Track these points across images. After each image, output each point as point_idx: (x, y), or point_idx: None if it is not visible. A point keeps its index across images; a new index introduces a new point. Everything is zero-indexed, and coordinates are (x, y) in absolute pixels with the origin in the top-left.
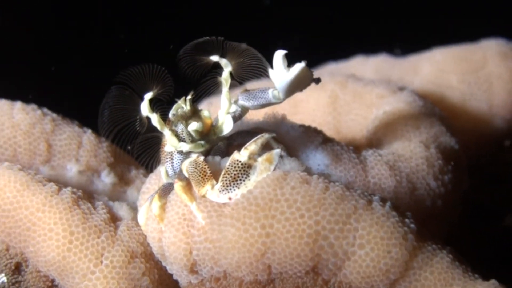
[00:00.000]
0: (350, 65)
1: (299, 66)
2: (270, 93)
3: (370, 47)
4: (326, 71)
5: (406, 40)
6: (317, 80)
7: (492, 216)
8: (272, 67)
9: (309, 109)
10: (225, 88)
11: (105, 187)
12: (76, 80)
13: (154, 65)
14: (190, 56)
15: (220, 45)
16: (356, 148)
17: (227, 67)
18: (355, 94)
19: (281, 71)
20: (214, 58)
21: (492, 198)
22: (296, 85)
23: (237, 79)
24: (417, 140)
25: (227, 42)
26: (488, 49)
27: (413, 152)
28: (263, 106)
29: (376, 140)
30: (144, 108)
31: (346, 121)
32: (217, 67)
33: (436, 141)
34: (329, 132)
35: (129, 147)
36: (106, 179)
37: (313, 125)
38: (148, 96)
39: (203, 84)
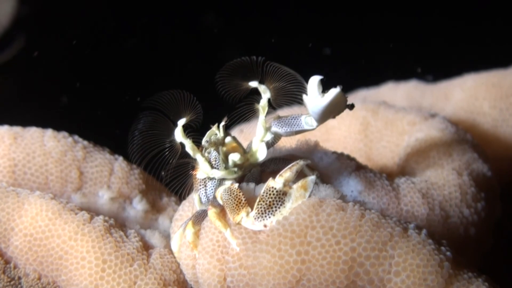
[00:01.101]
0: (381, 92)
1: (335, 91)
2: (303, 120)
3: (401, 74)
4: (358, 98)
5: (436, 66)
6: (351, 106)
7: None
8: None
9: (341, 136)
10: (262, 116)
11: (137, 214)
12: (102, 107)
13: (184, 92)
14: (227, 80)
15: (260, 67)
16: (388, 175)
17: (265, 94)
18: (386, 121)
19: (315, 96)
20: (253, 84)
21: None
22: (330, 111)
23: (275, 105)
24: (449, 167)
25: (268, 63)
26: None
27: (446, 180)
28: (296, 133)
29: (408, 167)
30: (178, 134)
31: (377, 148)
32: (255, 92)
33: (469, 168)
34: (360, 159)
35: (162, 173)
36: (138, 206)
37: (345, 152)
38: (182, 122)
39: (238, 110)
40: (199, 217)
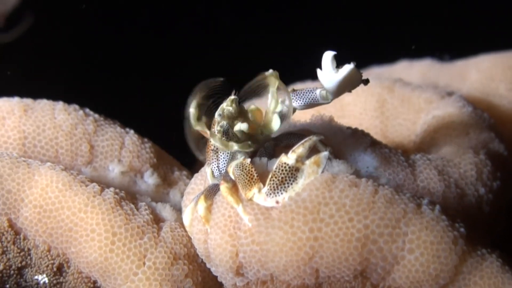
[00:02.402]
0: (395, 70)
1: (349, 67)
2: (318, 93)
3: (413, 52)
4: (371, 75)
5: (451, 45)
6: (366, 81)
7: None
8: (320, 68)
9: (356, 112)
10: (272, 88)
11: (148, 188)
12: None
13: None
14: None
15: None
16: (404, 152)
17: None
18: (403, 98)
19: (329, 72)
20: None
21: None
22: (345, 86)
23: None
24: (466, 146)
25: None
26: None
27: (462, 158)
28: (310, 106)
29: (424, 144)
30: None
31: (393, 126)
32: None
33: (486, 147)
34: (376, 136)
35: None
36: (149, 180)
37: (360, 128)
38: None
39: (250, 85)
40: (212, 192)
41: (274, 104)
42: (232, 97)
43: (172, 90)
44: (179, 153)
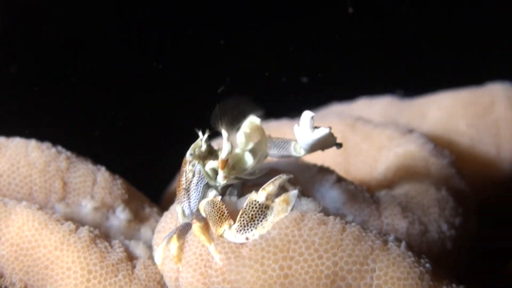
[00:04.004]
0: (355, 107)
1: (324, 130)
2: (293, 146)
3: (370, 88)
4: (333, 113)
5: (408, 80)
6: (339, 145)
7: (500, 258)
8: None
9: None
10: (243, 129)
11: (120, 224)
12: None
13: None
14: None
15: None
16: (368, 189)
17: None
18: (365, 135)
19: (306, 130)
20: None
21: (500, 240)
22: (318, 146)
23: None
24: (428, 182)
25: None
26: (495, 93)
27: (426, 195)
28: (282, 156)
29: (387, 181)
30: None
31: (356, 163)
32: None
33: (447, 184)
34: (339, 173)
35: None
36: (121, 215)
37: (324, 165)
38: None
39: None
40: (183, 231)
41: (244, 143)
42: (203, 136)
43: (140, 129)
44: (147, 191)
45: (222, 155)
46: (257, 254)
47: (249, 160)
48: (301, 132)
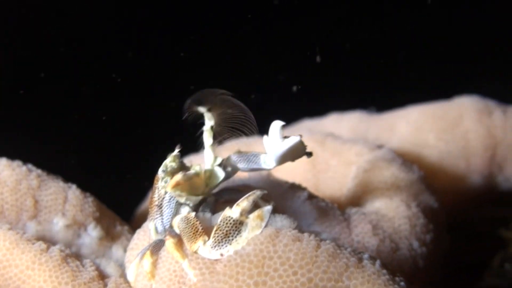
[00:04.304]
0: (325, 123)
1: (294, 139)
2: (262, 159)
3: (342, 103)
4: (303, 128)
5: (379, 97)
6: (309, 154)
7: (474, 273)
8: (267, 134)
9: (289, 166)
10: (209, 140)
11: (91, 241)
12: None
13: None
14: (189, 108)
15: (213, 97)
16: (339, 206)
17: (210, 121)
18: (334, 152)
19: (276, 141)
20: (202, 109)
21: (473, 254)
22: (288, 156)
23: (218, 134)
24: (398, 199)
25: (222, 95)
26: (463, 106)
27: (396, 212)
28: (253, 170)
29: (356, 198)
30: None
31: (325, 179)
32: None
33: (417, 200)
34: (309, 189)
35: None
36: (93, 232)
37: (294, 182)
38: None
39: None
40: (157, 247)
41: (212, 158)
42: (175, 153)
43: (111, 147)
44: (117, 210)
45: (208, 164)
46: (232, 270)
47: (220, 173)
48: (271, 142)
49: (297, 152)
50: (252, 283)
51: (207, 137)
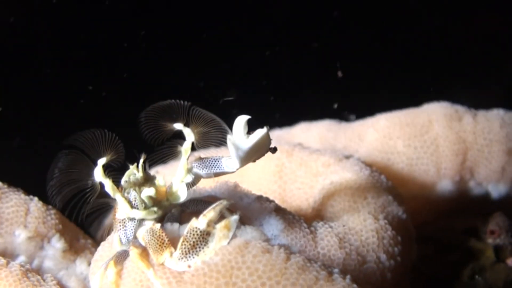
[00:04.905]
0: (294, 132)
1: (261, 132)
2: (224, 162)
3: (319, 112)
4: (272, 137)
5: (352, 105)
6: (274, 150)
7: (441, 286)
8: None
9: (255, 177)
10: (184, 158)
11: (55, 253)
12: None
13: (106, 131)
14: (152, 120)
15: (186, 111)
16: (304, 218)
17: (189, 137)
18: (301, 162)
19: (241, 137)
20: (178, 126)
21: (441, 266)
22: (254, 153)
23: (199, 148)
24: (365, 211)
25: (194, 108)
26: (433, 112)
27: (363, 225)
28: (216, 175)
29: (324, 210)
30: (98, 174)
31: (291, 190)
32: (177, 135)
33: (384, 211)
34: (275, 201)
35: (81, 213)
36: (57, 244)
37: (259, 193)
38: (102, 161)
39: (160, 151)
40: (121, 257)
41: (183, 174)
42: (140, 163)
43: None
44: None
45: (177, 179)
46: (199, 279)
47: (183, 192)
48: (235, 140)
49: (263, 147)
50: None
51: (184, 154)
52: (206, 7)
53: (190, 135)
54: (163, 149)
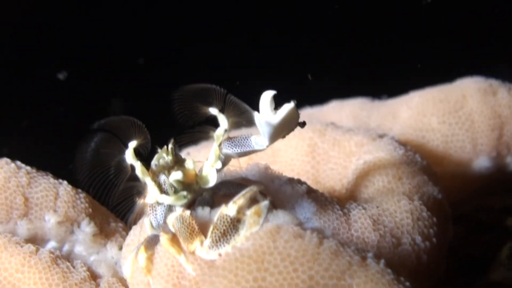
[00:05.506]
0: (326, 111)
1: (288, 106)
2: (253, 140)
3: (346, 91)
4: (304, 116)
5: (388, 85)
6: (303, 124)
7: (478, 267)
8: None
9: (287, 158)
10: (215, 144)
11: (85, 237)
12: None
13: (133, 119)
14: (187, 100)
15: (222, 98)
16: (337, 199)
17: (223, 123)
18: (334, 142)
19: (268, 113)
20: (213, 111)
21: (478, 246)
22: (282, 129)
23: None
24: (399, 192)
25: (230, 97)
26: (466, 87)
27: (397, 206)
28: (246, 153)
29: (357, 191)
30: (129, 156)
31: (325, 171)
32: (209, 120)
33: (419, 192)
34: (308, 181)
35: (113, 194)
36: (87, 228)
37: (292, 174)
38: (133, 144)
39: (190, 134)
40: (152, 242)
41: (213, 160)
42: (170, 145)
43: None
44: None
45: (208, 164)
46: (231, 264)
47: (213, 177)
48: (262, 116)
49: (291, 122)
50: (251, 279)
51: (216, 140)
52: None
53: (224, 122)
54: (194, 132)
